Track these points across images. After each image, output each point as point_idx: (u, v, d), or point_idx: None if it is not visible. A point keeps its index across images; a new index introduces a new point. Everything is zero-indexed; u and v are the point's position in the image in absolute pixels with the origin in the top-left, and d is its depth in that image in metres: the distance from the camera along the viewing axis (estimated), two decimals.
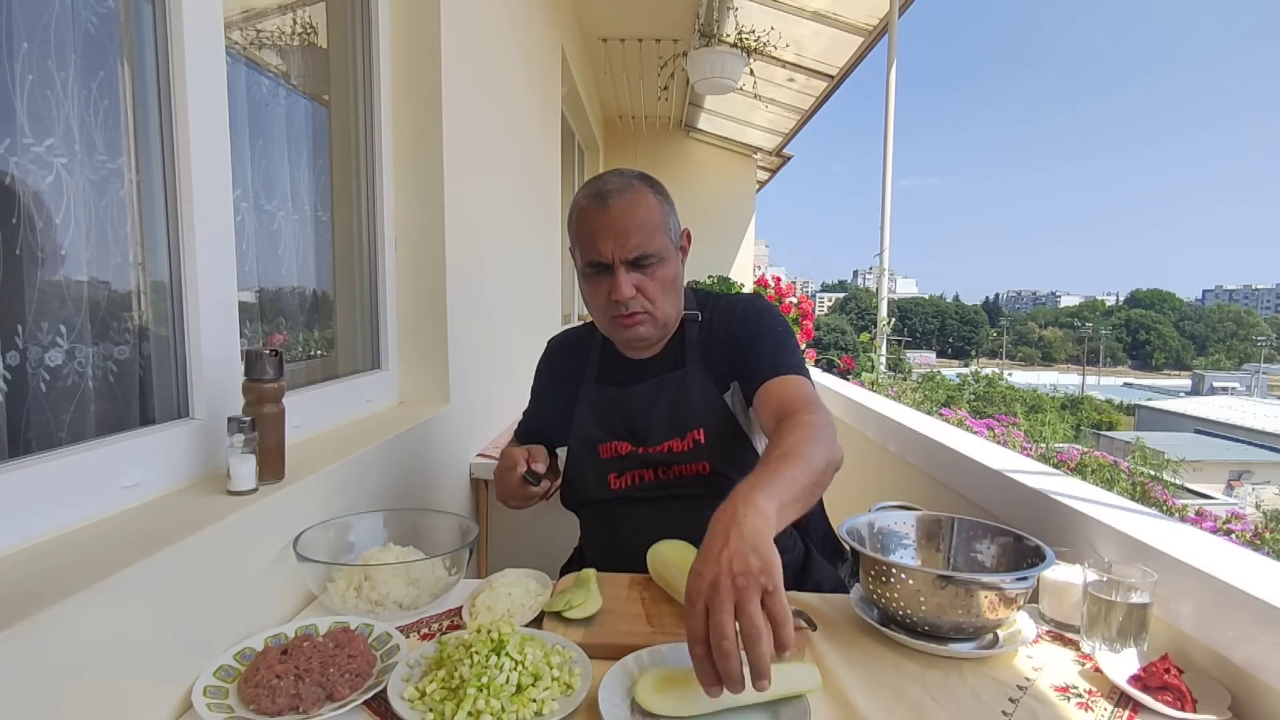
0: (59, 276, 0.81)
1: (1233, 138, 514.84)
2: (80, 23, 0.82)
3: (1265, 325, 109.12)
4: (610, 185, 1.12)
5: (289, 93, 1.33)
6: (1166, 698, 0.77)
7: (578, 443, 1.24)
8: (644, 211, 1.11)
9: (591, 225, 1.11)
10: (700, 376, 1.19)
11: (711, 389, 1.18)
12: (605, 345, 1.27)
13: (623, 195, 1.11)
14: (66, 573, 0.65)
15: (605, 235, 1.09)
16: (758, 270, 7.08)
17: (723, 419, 1.17)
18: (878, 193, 3.97)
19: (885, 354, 3.99)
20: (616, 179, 1.14)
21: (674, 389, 1.19)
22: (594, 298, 1.16)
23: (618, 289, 1.10)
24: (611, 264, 1.10)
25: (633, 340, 1.18)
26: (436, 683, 0.73)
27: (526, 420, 1.40)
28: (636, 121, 6.15)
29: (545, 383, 1.36)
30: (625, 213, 1.10)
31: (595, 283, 1.14)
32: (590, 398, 1.25)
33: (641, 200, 1.12)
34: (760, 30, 3.95)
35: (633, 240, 1.09)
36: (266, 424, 0.95)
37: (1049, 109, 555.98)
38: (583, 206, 1.13)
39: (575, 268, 1.20)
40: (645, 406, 1.19)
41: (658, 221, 1.13)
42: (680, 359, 1.21)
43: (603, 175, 1.16)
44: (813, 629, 0.91)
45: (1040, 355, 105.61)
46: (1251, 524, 2.78)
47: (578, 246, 1.15)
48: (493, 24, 2.10)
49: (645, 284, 1.12)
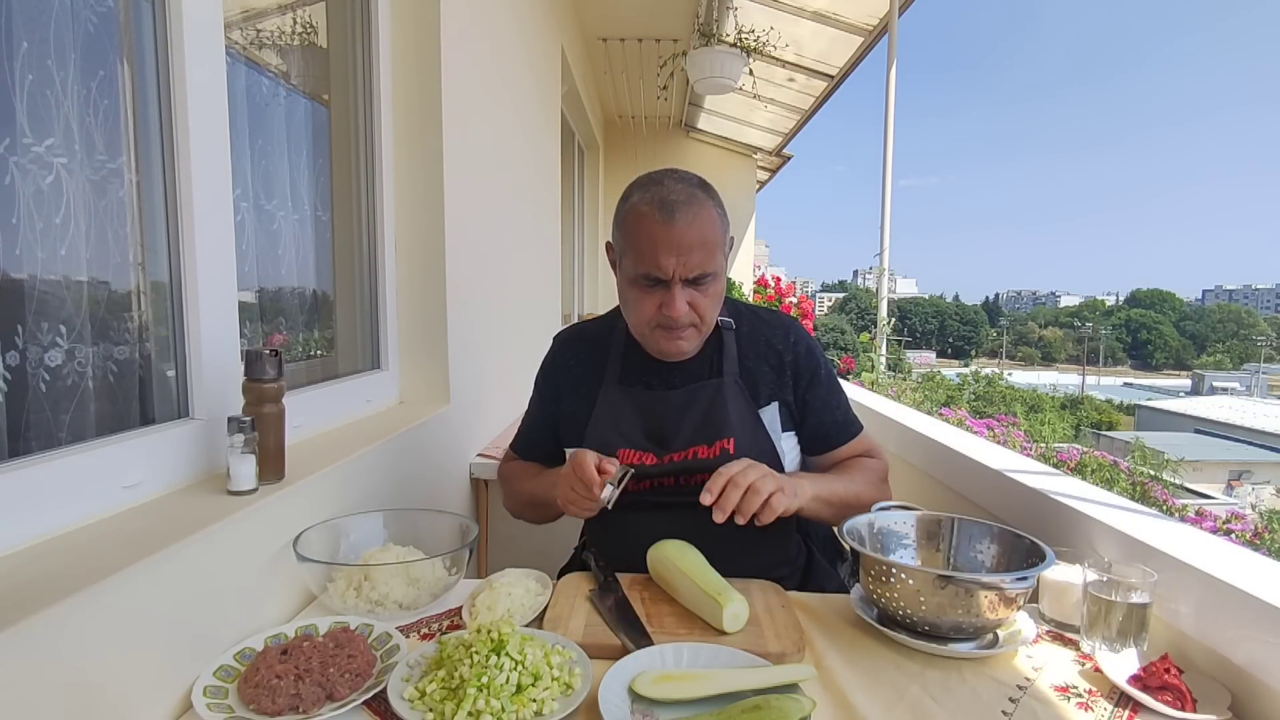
0: (59, 276, 0.81)
1: (1234, 137, 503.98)
2: (80, 22, 0.82)
3: (1265, 325, 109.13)
4: (675, 195, 1.06)
5: (289, 93, 1.33)
6: (1166, 698, 0.77)
7: (598, 446, 1.17)
8: (708, 228, 1.06)
9: (652, 236, 1.05)
10: (736, 389, 1.17)
11: (747, 401, 1.17)
12: (630, 345, 1.22)
13: (689, 210, 1.05)
14: (66, 573, 0.65)
15: (668, 251, 1.04)
16: (758, 270, 7.08)
17: (755, 432, 1.16)
18: (878, 193, 3.97)
19: (885, 354, 3.99)
20: (680, 187, 1.07)
21: (709, 397, 1.16)
22: (640, 307, 1.11)
23: (672, 307, 1.06)
24: (670, 280, 1.06)
25: (673, 353, 1.14)
26: (436, 683, 0.73)
27: (528, 431, 1.33)
28: (636, 121, 6.15)
29: (554, 382, 1.28)
30: (689, 229, 1.04)
31: (645, 292, 1.09)
32: (612, 399, 1.19)
33: (706, 215, 1.07)
34: (760, 30, 3.95)
35: (695, 259, 1.05)
36: (266, 424, 0.95)
37: (1050, 109, 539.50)
38: (643, 213, 1.06)
39: (617, 265, 1.15)
40: (678, 412, 1.16)
41: (718, 238, 1.08)
42: (716, 368, 1.19)
43: (662, 179, 1.09)
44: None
45: (1040, 355, 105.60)
46: (1251, 524, 2.78)
47: (630, 252, 1.09)
48: (493, 24, 2.10)
49: (698, 300, 1.09)
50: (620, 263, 1.14)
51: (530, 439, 1.33)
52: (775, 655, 0.85)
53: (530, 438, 1.33)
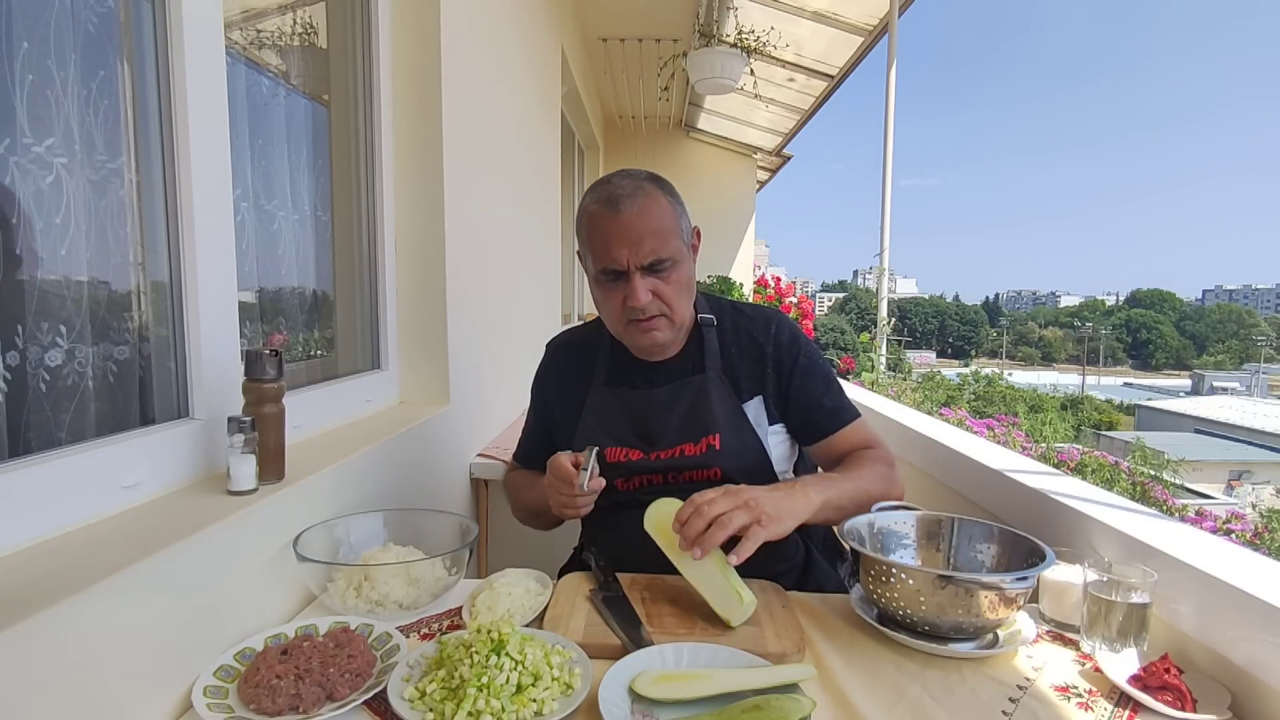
0: (59, 276, 0.81)
1: (1234, 137, 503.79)
2: (80, 22, 0.82)
3: (1265, 325, 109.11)
4: (620, 189, 1.09)
5: (289, 93, 1.33)
6: (1167, 698, 0.77)
7: (583, 446, 1.21)
8: (656, 215, 1.09)
9: (603, 231, 1.08)
10: (720, 384, 1.18)
11: (731, 396, 1.17)
12: (616, 347, 1.24)
13: (634, 200, 1.08)
14: (67, 573, 0.65)
15: (619, 242, 1.07)
16: (758, 270, 7.08)
17: (740, 427, 1.16)
18: (878, 192, 3.97)
19: (885, 354, 3.99)
20: (626, 181, 1.11)
21: (692, 393, 1.17)
22: (608, 304, 1.14)
23: (634, 296, 1.08)
24: (626, 270, 1.08)
25: (650, 345, 1.16)
26: (436, 683, 0.73)
27: (527, 440, 1.35)
28: (636, 121, 6.15)
29: (548, 388, 1.31)
30: (638, 218, 1.07)
31: (609, 289, 1.12)
32: (600, 400, 1.22)
33: (653, 204, 1.09)
34: (760, 30, 3.95)
35: (647, 246, 1.07)
36: (267, 424, 0.95)
37: (1050, 108, 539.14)
38: (592, 212, 1.10)
39: (585, 273, 1.18)
40: (662, 409, 1.17)
41: (670, 224, 1.11)
42: (699, 364, 1.20)
43: (610, 178, 1.13)
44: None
45: (1040, 355, 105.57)
46: (1251, 524, 2.78)
47: (589, 253, 1.13)
48: (493, 24, 2.10)
49: (661, 288, 1.10)
50: (585, 266, 1.17)
51: (529, 448, 1.36)
52: (775, 655, 0.85)
53: (529, 447, 1.36)
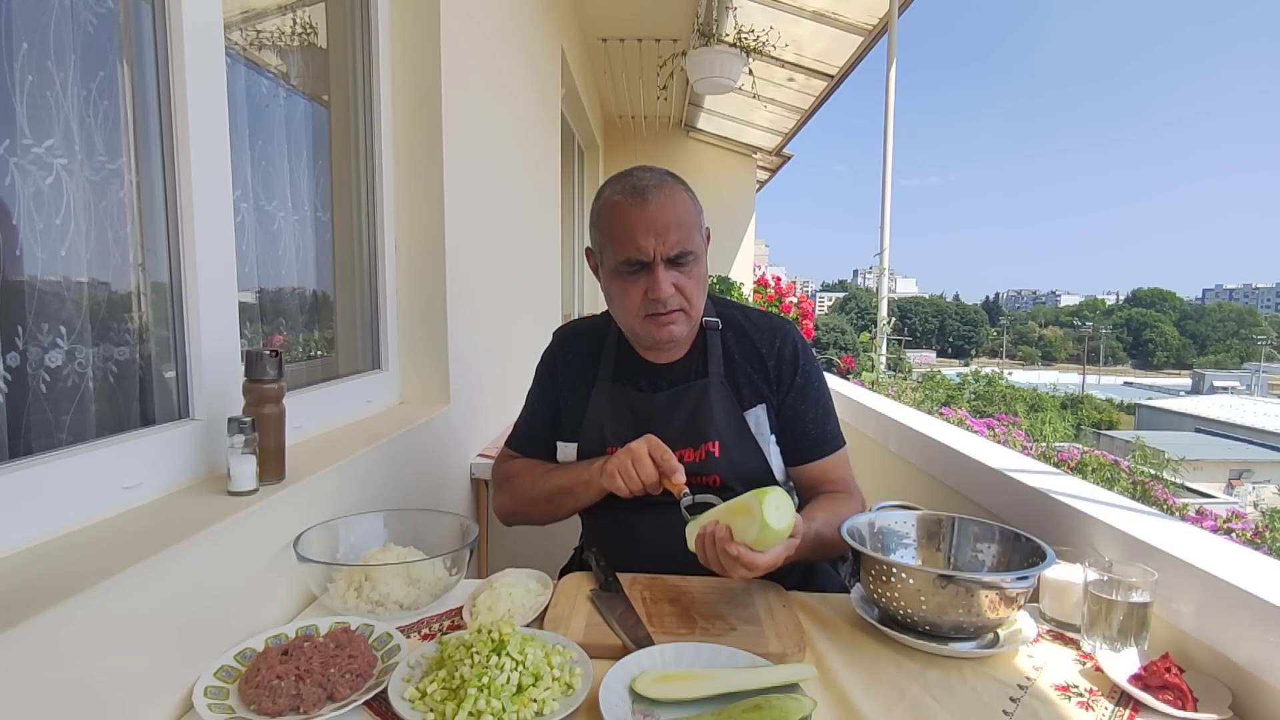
0: (59, 277, 0.81)
1: (1234, 136, 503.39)
2: (80, 23, 0.82)
3: (1266, 324, 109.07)
4: (645, 180, 1.09)
5: (289, 93, 1.33)
6: (1167, 697, 0.77)
7: (589, 442, 1.20)
8: (682, 208, 1.09)
9: (627, 221, 1.07)
10: (722, 390, 1.17)
11: (733, 404, 1.17)
12: (622, 343, 1.23)
13: (660, 191, 1.08)
14: (67, 573, 0.65)
15: (645, 232, 1.06)
16: (758, 270, 7.08)
17: (740, 434, 1.15)
18: (878, 192, 3.97)
19: (885, 353, 3.99)
20: (650, 175, 1.11)
21: (694, 399, 1.16)
22: (626, 296, 1.11)
23: (658, 287, 1.07)
24: (651, 261, 1.07)
25: (666, 340, 1.14)
26: (437, 683, 0.73)
27: (530, 427, 1.30)
28: (636, 121, 6.15)
29: (553, 376, 1.27)
30: (664, 208, 1.07)
31: (629, 281, 1.10)
32: (607, 395, 1.20)
33: (678, 197, 1.10)
34: (760, 30, 3.95)
35: (673, 236, 1.07)
36: (267, 424, 0.95)
37: (1051, 108, 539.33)
38: (616, 202, 1.09)
39: (599, 267, 1.16)
40: (664, 414, 1.16)
41: (693, 219, 1.11)
42: (702, 368, 1.19)
43: (632, 171, 1.13)
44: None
45: (1040, 354, 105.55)
46: (1252, 523, 2.78)
47: (610, 244, 1.10)
48: (493, 24, 2.10)
49: (682, 282, 1.10)
50: (601, 259, 1.15)
51: (533, 435, 1.29)
52: (776, 655, 0.85)
53: (533, 434, 1.29)
